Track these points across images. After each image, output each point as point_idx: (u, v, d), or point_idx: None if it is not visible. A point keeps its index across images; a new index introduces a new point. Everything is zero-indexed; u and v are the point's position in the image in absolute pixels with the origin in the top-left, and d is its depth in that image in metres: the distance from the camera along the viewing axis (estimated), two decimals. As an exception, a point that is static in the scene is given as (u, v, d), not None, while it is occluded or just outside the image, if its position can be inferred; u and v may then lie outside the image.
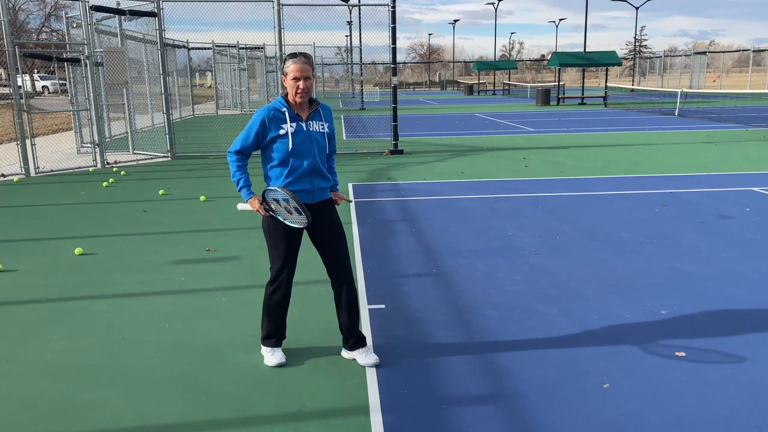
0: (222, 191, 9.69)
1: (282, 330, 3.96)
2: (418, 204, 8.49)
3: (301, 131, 3.69)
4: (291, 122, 3.67)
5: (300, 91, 3.64)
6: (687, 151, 13.41)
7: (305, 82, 3.63)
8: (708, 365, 3.78)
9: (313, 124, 3.74)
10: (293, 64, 3.62)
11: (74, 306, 4.96)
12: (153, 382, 3.71)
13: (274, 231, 3.76)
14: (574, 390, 3.52)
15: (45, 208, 8.69)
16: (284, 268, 3.79)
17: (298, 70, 3.61)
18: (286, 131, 3.66)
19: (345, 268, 3.85)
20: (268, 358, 3.91)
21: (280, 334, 3.96)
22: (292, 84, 3.64)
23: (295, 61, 3.62)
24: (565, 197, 8.78)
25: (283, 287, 3.83)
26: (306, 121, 3.72)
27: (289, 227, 3.73)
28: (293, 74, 3.62)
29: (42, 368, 3.91)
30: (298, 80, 3.62)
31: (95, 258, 6.25)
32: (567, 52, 34.51)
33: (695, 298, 4.86)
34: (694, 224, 7.13)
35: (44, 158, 12.05)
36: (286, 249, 3.77)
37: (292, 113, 3.70)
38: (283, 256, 3.77)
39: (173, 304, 4.97)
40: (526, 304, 4.81)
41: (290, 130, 3.67)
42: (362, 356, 3.88)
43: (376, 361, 3.86)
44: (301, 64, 3.62)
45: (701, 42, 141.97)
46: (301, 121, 3.70)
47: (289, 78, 3.64)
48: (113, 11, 13.41)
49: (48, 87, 44.94)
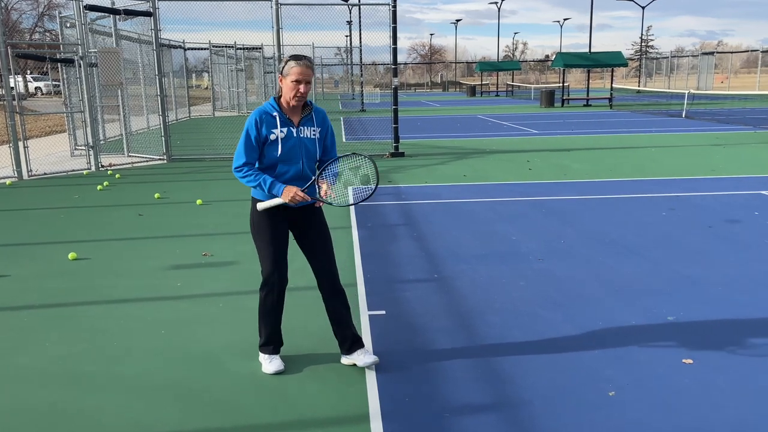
0: (218, 195, 9.71)
1: (278, 336, 3.96)
2: (420, 208, 8.50)
3: (291, 137, 3.68)
4: (282, 127, 3.66)
5: (299, 94, 3.63)
6: (694, 154, 13.43)
7: (306, 87, 3.63)
8: (716, 372, 3.78)
9: (304, 130, 3.72)
10: (296, 66, 3.60)
11: (68, 312, 4.97)
12: (148, 389, 3.71)
13: (260, 232, 3.77)
14: (578, 398, 3.52)
15: (38, 212, 8.70)
16: (274, 271, 3.79)
17: (301, 72, 3.59)
18: (276, 136, 3.65)
19: (333, 275, 3.87)
20: (265, 366, 3.91)
21: (277, 341, 3.97)
22: (292, 86, 3.62)
23: (299, 63, 3.60)
24: (569, 201, 8.79)
25: (275, 291, 3.83)
26: (297, 126, 3.71)
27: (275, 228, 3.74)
28: (295, 76, 3.59)
29: (34, 375, 3.92)
30: (299, 83, 3.60)
31: (89, 263, 6.26)
32: (572, 53, 34.57)
33: (703, 304, 4.86)
34: (702, 228, 7.14)
35: (37, 161, 12.06)
36: (274, 250, 3.77)
37: (284, 117, 3.68)
38: (270, 257, 3.77)
39: (169, 310, 4.97)
40: (530, 309, 4.82)
41: (280, 135, 3.65)
42: (361, 357, 3.89)
43: (375, 361, 3.87)
44: (304, 67, 3.61)
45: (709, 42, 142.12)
46: (292, 126, 3.69)
47: (288, 79, 3.62)
48: (108, 11, 13.45)
49: (41, 88, 45.02)
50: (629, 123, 21.64)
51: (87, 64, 12.24)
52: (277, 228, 3.76)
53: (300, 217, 3.80)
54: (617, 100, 33.87)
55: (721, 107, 29.31)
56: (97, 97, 13.56)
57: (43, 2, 47.74)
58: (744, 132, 17.92)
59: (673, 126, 20.14)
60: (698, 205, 8.38)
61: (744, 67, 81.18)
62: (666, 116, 24.30)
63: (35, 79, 45.53)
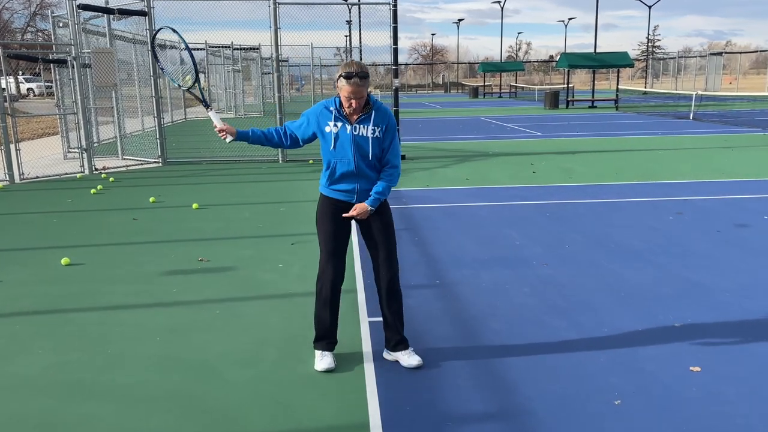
0: (215, 198, 9.73)
1: (333, 333, 4.09)
2: (421, 212, 8.52)
3: (343, 134, 3.85)
4: (336, 122, 3.85)
5: (352, 108, 3.80)
6: (702, 157, 13.45)
7: (358, 102, 3.78)
8: (724, 381, 3.79)
9: (359, 128, 3.86)
10: (347, 85, 3.72)
11: (61, 318, 4.98)
12: (143, 398, 3.72)
13: (322, 224, 4.00)
14: (583, 407, 3.53)
15: (30, 216, 8.72)
16: (328, 262, 3.98)
17: (352, 92, 3.74)
18: (330, 130, 3.85)
19: (391, 270, 4.03)
20: (317, 362, 4.04)
21: (330, 337, 4.09)
22: (344, 100, 3.80)
23: (349, 83, 3.71)
24: (574, 205, 8.81)
25: (328, 286, 4.00)
26: (353, 124, 3.86)
27: (337, 223, 3.95)
28: (346, 94, 3.76)
29: (27, 383, 3.92)
30: (350, 99, 3.77)
31: (83, 268, 6.27)
32: (577, 53, 34.63)
33: (711, 311, 4.87)
34: (710, 233, 7.15)
35: (29, 164, 12.09)
36: (331, 244, 3.97)
37: (340, 114, 3.86)
38: (327, 251, 3.98)
39: (165, 316, 4.98)
40: (534, 316, 4.83)
41: (333, 130, 3.85)
42: (406, 357, 4.04)
43: (420, 363, 4.02)
44: (356, 87, 3.72)
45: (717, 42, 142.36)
46: (347, 123, 3.85)
47: (342, 94, 3.79)
48: (101, 10, 13.48)
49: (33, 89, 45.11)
50: (635, 125, 21.68)
51: (80, 65, 12.27)
52: (334, 223, 3.96)
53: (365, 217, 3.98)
54: (623, 102, 33.90)
55: (729, 109, 29.34)
56: (90, 98, 13.59)
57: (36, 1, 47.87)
58: (753, 134, 17.94)
59: (680, 128, 20.17)
60: (706, 209, 8.40)
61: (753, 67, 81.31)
62: (673, 118, 24.33)
63: (27, 80, 45.61)
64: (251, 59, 35.01)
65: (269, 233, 7.52)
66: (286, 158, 13.78)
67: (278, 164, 13.49)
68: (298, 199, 9.64)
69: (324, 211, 3.99)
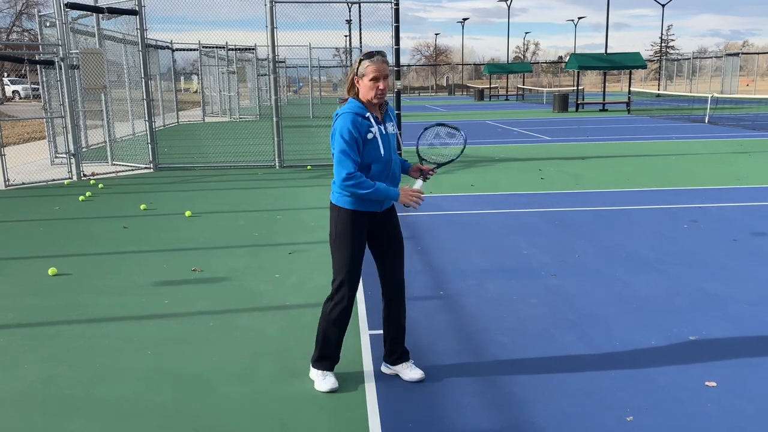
0: (209, 206, 9.75)
1: (338, 351, 4.07)
2: (424, 220, 8.54)
3: (383, 135, 3.84)
4: (376, 125, 3.81)
5: (380, 92, 3.75)
6: (718, 162, 13.47)
7: (384, 83, 3.76)
8: (741, 397, 3.80)
9: (387, 126, 3.90)
10: (372, 64, 3.72)
11: (48, 331, 4.99)
12: (133, 413, 3.73)
13: (344, 242, 3.85)
14: (594, 423, 3.54)
15: (15, 225, 8.75)
16: (347, 281, 3.90)
17: (377, 69, 3.72)
18: (374, 135, 3.78)
19: (399, 282, 4.05)
20: (319, 383, 3.99)
21: (335, 356, 4.07)
22: (371, 85, 3.73)
23: (374, 60, 3.73)
24: (584, 212, 8.83)
25: (345, 302, 3.93)
26: (383, 123, 3.87)
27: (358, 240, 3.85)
28: (373, 74, 3.71)
29: (12, 398, 3.94)
30: (377, 80, 3.73)
31: (70, 279, 6.29)
32: (587, 54, 34.73)
33: (727, 323, 4.88)
34: (726, 242, 7.17)
35: (15, 170, 12.13)
36: (354, 262, 3.87)
37: (374, 116, 3.83)
38: (347, 268, 3.87)
39: (156, 329, 5.00)
40: (542, 329, 4.84)
41: (377, 134, 3.80)
42: (407, 371, 4.06)
43: (422, 376, 4.03)
44: (380, 63, 3.74)
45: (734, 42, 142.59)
46: (380, 124, 3.84)
47: (367, 79, 3.73)
48: (90, 9, 13.55)
49: (19, 92, 45.21)
50: (648, 129, 21.71)
51: (68, 66, 12.32)
52: (360, 239, 3.90)
53: (380, 223, 3.95)
54: (635, 105, 33.98)
55: (746, 112, 29.39)
56: (78, 101, 13.64)
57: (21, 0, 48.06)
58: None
59: (695, 132, 20.21)
60: (722, 216, 8.41)
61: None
62: (688, 122, 24.37)
63: (12, 82, 45.72)
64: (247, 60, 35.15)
65: (265, 242, 7.54)
66: (283, 164, 13.80)
67: (275, 170, 13.52)
68: (295, 206, 9.66)
69: (353, 230, 3.84)
